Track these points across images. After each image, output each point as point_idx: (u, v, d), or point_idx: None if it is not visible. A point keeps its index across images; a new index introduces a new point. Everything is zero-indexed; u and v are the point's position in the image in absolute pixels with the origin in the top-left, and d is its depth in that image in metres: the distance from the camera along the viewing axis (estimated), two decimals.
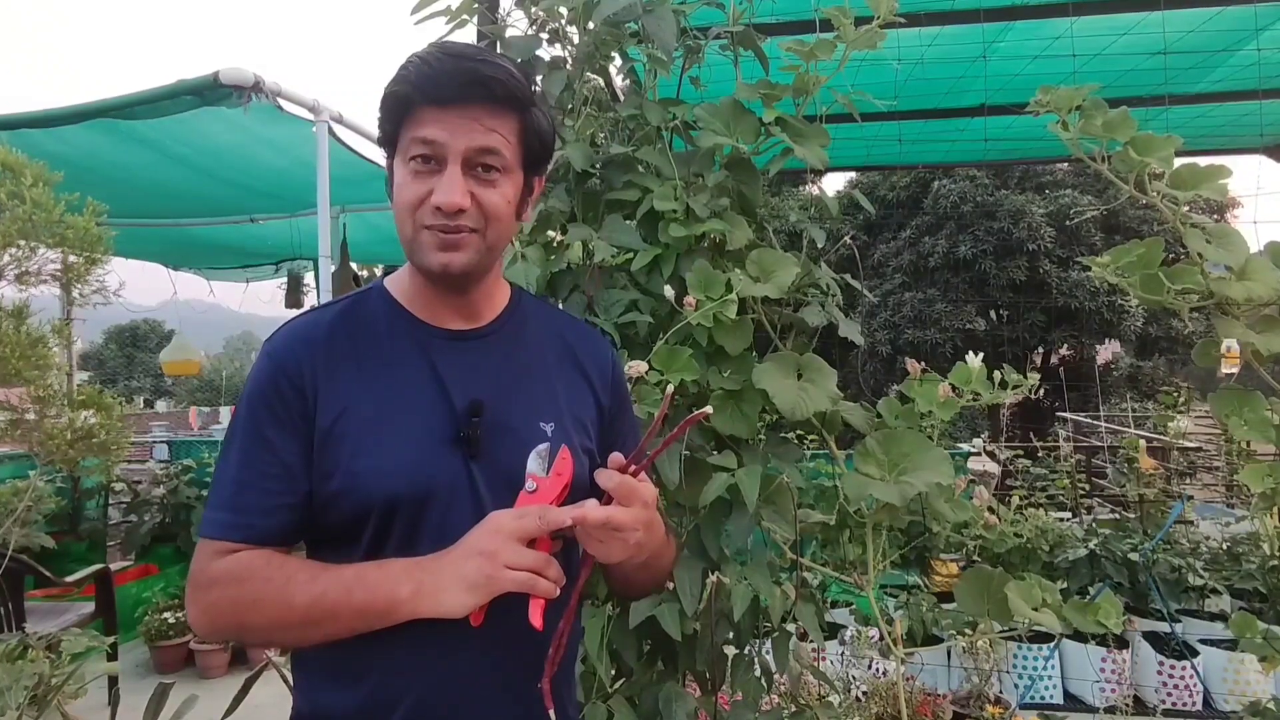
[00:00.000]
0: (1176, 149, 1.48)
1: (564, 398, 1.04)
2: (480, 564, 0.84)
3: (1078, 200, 12.49)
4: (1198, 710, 3.61)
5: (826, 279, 1.75)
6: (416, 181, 0.91)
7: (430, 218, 0.91)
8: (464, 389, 0.96)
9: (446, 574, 0.85)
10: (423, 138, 0.90)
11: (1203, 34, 3.32)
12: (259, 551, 0.90)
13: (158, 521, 4.98)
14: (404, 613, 0.85)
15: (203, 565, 0.91)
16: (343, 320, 0.99)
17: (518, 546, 0.84)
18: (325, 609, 0.86)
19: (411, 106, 0.91)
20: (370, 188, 4.64)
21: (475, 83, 0.90)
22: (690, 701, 1.53)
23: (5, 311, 2.13)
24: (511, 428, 0.96)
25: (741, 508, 1.50)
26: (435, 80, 0.90)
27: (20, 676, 2.12)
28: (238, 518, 0.91)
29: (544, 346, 1.07)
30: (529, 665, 0.93)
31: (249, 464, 0.92)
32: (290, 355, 0.94)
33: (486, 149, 0.91)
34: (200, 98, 3.00)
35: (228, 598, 0.89)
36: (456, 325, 1.01)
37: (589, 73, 1.72)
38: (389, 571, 0.87)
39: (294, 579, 0.88)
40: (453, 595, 0.84)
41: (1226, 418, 1.47)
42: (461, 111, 0.90)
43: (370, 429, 0.92)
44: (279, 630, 0.90)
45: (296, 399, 0.92)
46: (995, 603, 1.49)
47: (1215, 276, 1.46)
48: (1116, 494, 5.00)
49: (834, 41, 1.62)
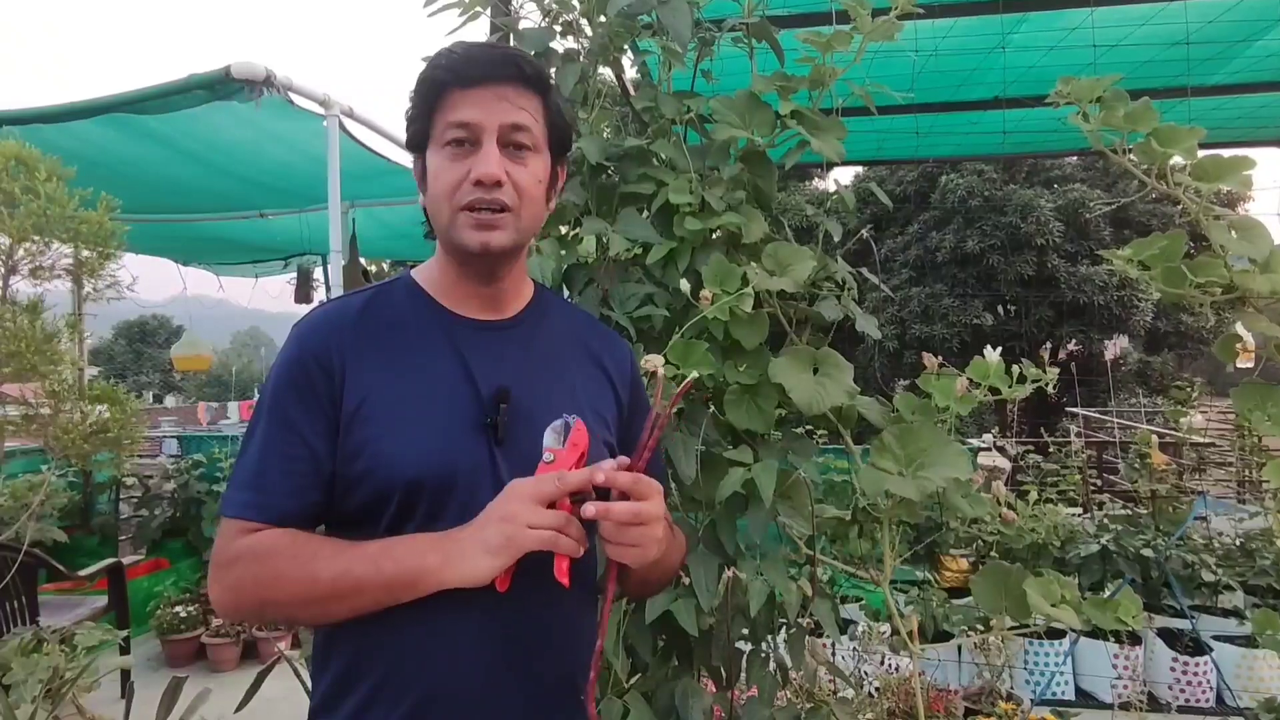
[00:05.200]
0: (1200, 140, 1.46)
1: (585, 391, 1.05)
2: (501, 527, 0.86)
3: (1087, 195, 12.41)
4: (1211, 707, 3.60)
5: (842, 273, 1.73)
6: (454, 164, 0.95)
7: (469, 195, 0.94)
8: (490, 377, 0.97)
9: (470, 542, 0.87)
10: (457, 120, 0.94)
11: (1221, 24, 3.28)
12: (282, 530, 0.91)
13: (168, 516, 5.01)
14: (431, 583, 0.86)
15: (225, 544, 0.92)
16: (371, 306, 1.00)
17: (537, 508, 0.86)
18: (351, 582, 0.87)
19: (444, 90, 0.95)
20: (380, 183, 4.63)
21: (504, 61, 0.96)
22: (706, 697, 1.52)
23: (20, 306, 2.13)
24: (535, 417, 0.97)
25: (757, 503, 1.49)
26: (466, 62, 0.95)
27: (35, 670, 2.14)
28: (261, 497, 0.92)
29: (565, 341, 1.09)
30: (540, 652, 0.95)
31: (274, 445, 0.93)
32: (318, 338, 0.96)
33: (518, 125, 0.95)
34: (212, 92, 3.00)
35: (250, 575, 0.90)
36: (483, 315, 1.02)
37: (602, 66, 1.71)
38: (414, 544, 0.88)
39: (318, 554, 0.89)
40: (477, 560, 0.85)
41: (1249, 412, 1.46)
42: (492, 89, 0.95)
43: (396, 413, 0.93)
44: (303, 606, 0.90)
45: (324, 381, 0.93)
46: (1013, 599, 1.48)
47: (1238, 269, 1.43)
48: (1128, 489, 4.97)
49: (851, 33, 1.61)
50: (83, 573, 3.66)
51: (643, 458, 0.91)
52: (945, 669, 3.60)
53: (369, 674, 0.92)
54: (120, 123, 3.43)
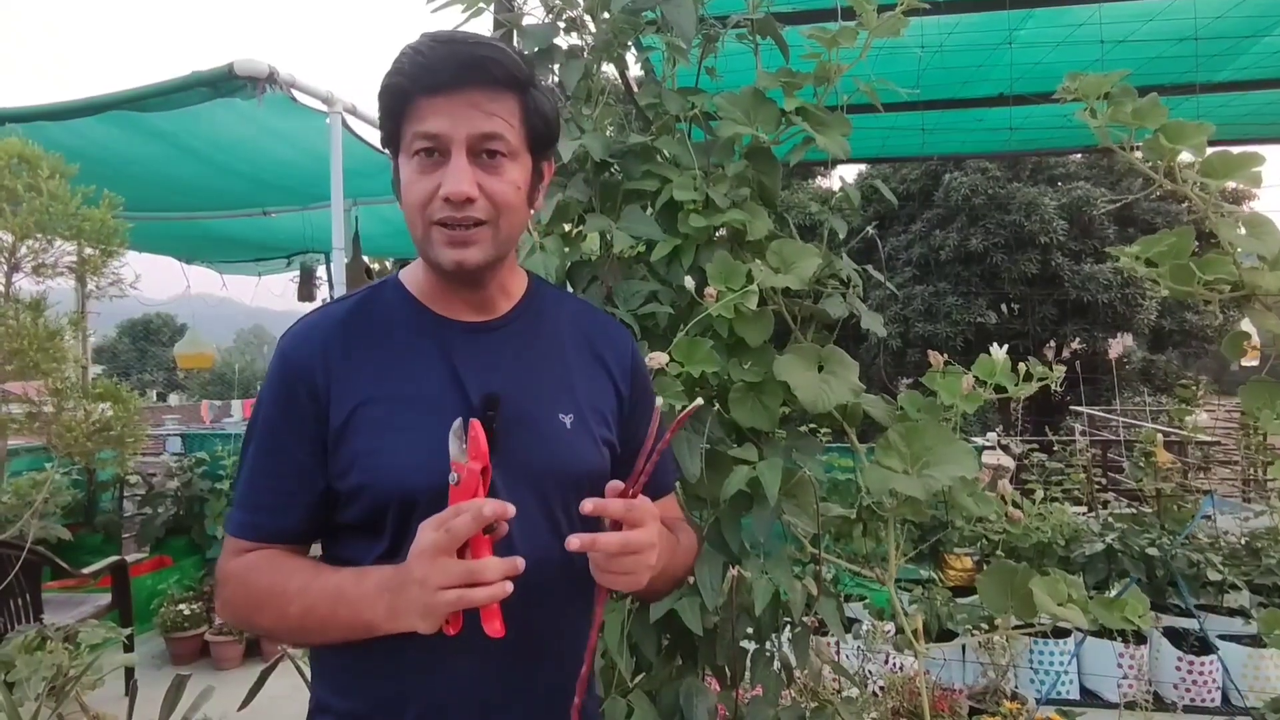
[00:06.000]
0: (1208, 136, 1.45)
1: (582, 389, 1.02)
2: (418, 593, 0.80)
3: (1091, 193, 12.36)
4: (1217, 706, 3.58)
5: (847, 270, 1.73)
6: (423, 177, 0.90)
7: (440, 211, 0.89)
8: (480, 383, 0.94)
9: (405, 601, 0.82)
10: (424, 131, 0.88)
11: (1229, 20, 3.26)
12: (265, 553, 0.93)
13: (172, 514, 5.01)
14: (382, 632, 0.85)
15: (223, 561, 0.95)
16: (356, 315, 0.98)
17: (445, 564, 0.79)
18: (315, 622, 0.88)
19: (409, 99, 0.89)
20: (383, 180, 4.59)
21: (470, 66, 0.88)
22: (710, 696, 1.52)
23: (23, 304, 2.13)
24: (529, 421, 0.95)
25: (762, 501, 1.48)
26: (429, 68, 0.87)
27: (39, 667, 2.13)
28: (251, 516, 0.94)
29: (562, 337, 1.05)
30: (538, 661, 0.95)
31: (263, 463, 0.94)
32: (301, 356, 0.94)
33: (489, 134, 0.89)
34: (215, 89, 3.00)
35: (238, 596, 0.93)
36: (472, 317, 0.99)
37: (606, 62, 1.70)
38: (364, 591, 0.85)
39: (288, 587, 0.89)
40: (413, 622, 0.82)
41: (1258, 410, 1.44)
42: (460, 97, 0.88)
43: (385, 425, 0.91)
44: (281, 635, 0.95)
45: (309, 400, 0.92)
46: (1019, 598, 1.47)
47: (1247, 267, 1.42)
48: (1133, 488, 4.95)
49: (856, 29, 1.60)
50: (86, 570, 3.67)
51: (639, 482, 0.86)
52: (950, 668, 3.59)
53: (365, 686, 0.92)
54: (123, 120, 3.43)
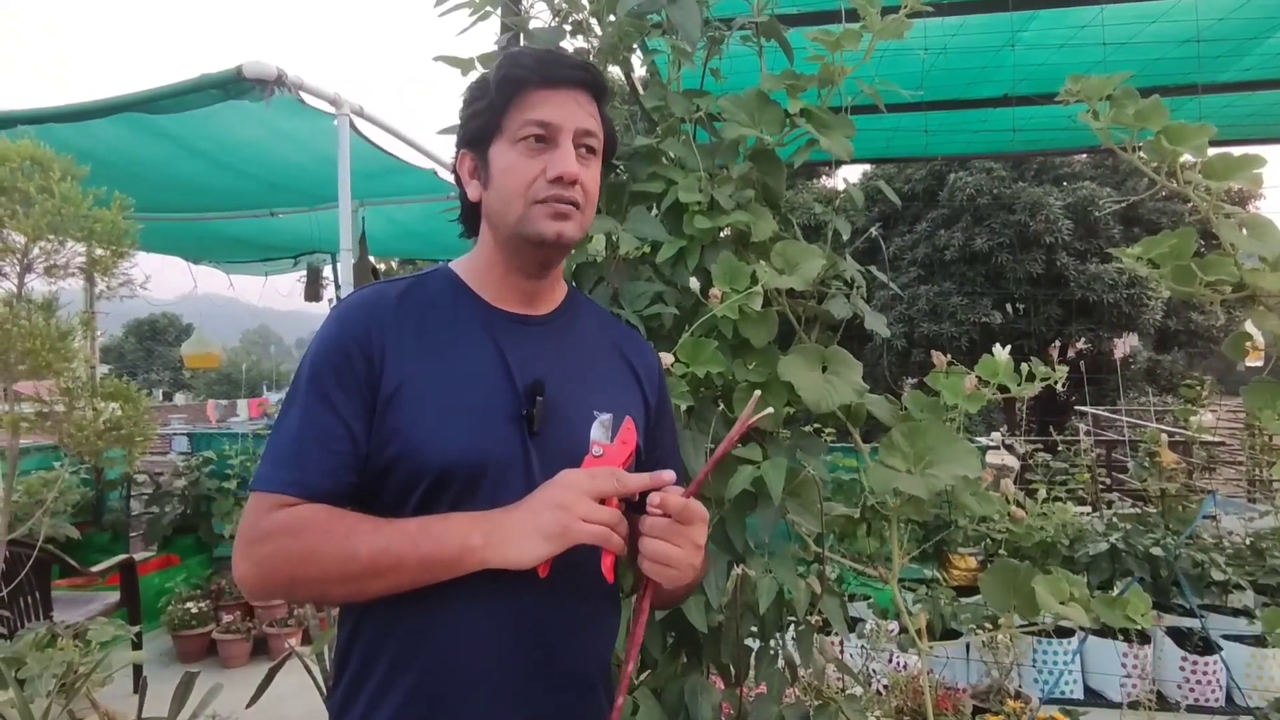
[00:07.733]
0: (1210, 138, 1.46)
1: (616, 391, 1.07)
2: (558, 515, 0.87)
3: (1096, 193, 12.33)
4: (1220, 706, 3.58)
5: (851, 271, 1.74)
6: (531, 159, 0.97)
7: (545, 190, 0.97)
8: (526, 369, 0.98)
9: (519, 526, 0.88)
10: (537, 119, 0.97)
11: (1232, 21, 3.26)
12: (318, 505, 0.90)
13: (179, 513, 5.04)
14: (473, 562, 0.87)
15: (256, 519, 0.90)
16: (410, 294, 1.01)
17: (592, 502, 0.88)
18: (390, 560, 0.87)
19: (524, 88, 0.98)
20: (390, 181, 4.65)
21: (580, 66, 1.00)
22: (715, 694, 1.53)
23: (35, 304, 2.15)
24: (568, 412, 0.99)
25: (766, 501, 1.49)
26: (549, 63, 0.98)
27: (49, 665, 2.15)
28: (297, 474, 0.91)
29: (597, 341, 1.11)
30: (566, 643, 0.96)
31: (311, 423, 0.93)
32: (359, 321, 0.97)
33: (589, 130, 1.00)
34: (224, 92, 3.01)
35: (283, 550, 0.88)
36: (521, 310, 1.04)
37: (612, 65, 1.71)
38: (454, 523, 0.89)
39: (356, 530, 0.88)
40: (526, 545, 0.87)
41: (1260, 411, 1.45)
42: (569, 94, 0.99)
43: (432, 400, 0.94)
44: (337, 582, 0.88)
45: (363, 364, 0.94)
46: (1022, 597, 1.48)
47: (1249, 268, 1.43)
48: (1137, 488, 4.95)
49: (860, 31, 1.61)
50: (95, 569, 3.70)
51: (698, 483, 0.93)
52: (953, 667, 3.60)
53: (391, 661, 0.93)
54: (133, 122, 3.44)
